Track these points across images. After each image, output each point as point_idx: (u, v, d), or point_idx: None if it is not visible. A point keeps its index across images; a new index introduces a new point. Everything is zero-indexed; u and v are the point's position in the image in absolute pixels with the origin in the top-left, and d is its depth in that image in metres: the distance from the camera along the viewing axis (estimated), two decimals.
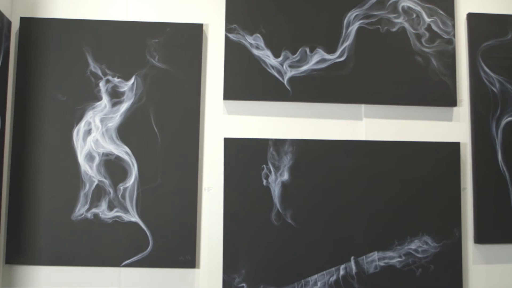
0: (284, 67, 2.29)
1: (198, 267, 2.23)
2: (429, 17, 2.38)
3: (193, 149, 2.25)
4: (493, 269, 2.34)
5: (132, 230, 2.19)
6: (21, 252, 2.15)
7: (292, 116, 2.32)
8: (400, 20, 2.37)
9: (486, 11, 2.44)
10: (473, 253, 2.34)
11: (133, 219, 2.19)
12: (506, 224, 2.33)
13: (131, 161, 2.21)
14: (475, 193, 2.34)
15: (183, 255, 2.20)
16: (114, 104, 2.23)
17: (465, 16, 2.43)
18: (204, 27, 2.32)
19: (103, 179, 2.20)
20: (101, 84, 2.23)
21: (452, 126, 2.39)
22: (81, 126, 2.21)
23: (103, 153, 2.21)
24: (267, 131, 2.30)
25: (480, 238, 2.33)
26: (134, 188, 2.20)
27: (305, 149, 2.27)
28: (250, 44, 2.29)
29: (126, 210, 2.19)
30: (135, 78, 2.25)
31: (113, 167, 2.21)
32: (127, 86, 2.24)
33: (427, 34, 2.37)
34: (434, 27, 2.38)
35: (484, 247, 2.35)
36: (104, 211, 2.18)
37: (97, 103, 2.23)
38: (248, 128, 2.30)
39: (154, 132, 2.23)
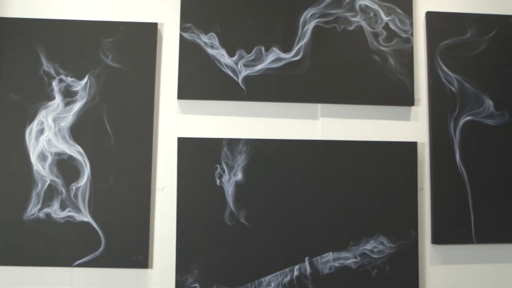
0: (239, 66, 2.31)
1: (151, 267, 2.25)
2: (386, 16, 2.39)
3: (146, 149, 2.27)
4: (451, 270, 2.35)
5: (84, 230, 2.21)
6: None
7: (247, 115, 2.34)
8: (357, 18, 2.38)
9: (445, 10, 2.44)
10: (430, 254, 2.35)
11: (85, 219, 2.21)
12: (464, 225, 2.34)
13: (84, 161, 2.23)
14: (432, 193, 2.35)
15: (136, 255, 2.21)
16: (67, 104, 2.25)
17: (423, 15, 2.44)
18: (159, 26, 2.34)
19: (56, 179, 2.22)
20: (54, 84, 2.25)
21: (410, 126, 2.40)
22: (34, 126, 2.23)
23: (55, 153, 2.23)
24: (221, 131, 2.31)
25: (438, 238, 2.33)
26: (86, 188, 2.22)
27: (260, 149, 2.28)
28: (205, 43, 2.31)
29: (78, 210, 2.21)
30: (88, 78, 2.27)
31: (65, 167, 2.23)
32: (80, 85, 2.26)
33: (385, 33, 2.38)
34: (391, 26, 2.39)
35: (442, 247, 2.35)
36: (56, 211, 2.20)
37: (50, 103, 2.25)
38: (202, 128, 2.32)
39: (107, 131, 2.25)
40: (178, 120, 2.32)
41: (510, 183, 2.37)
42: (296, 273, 2.25)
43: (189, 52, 2.30)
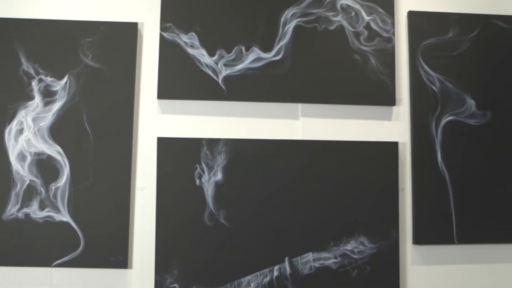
0: (219, 66, 2.31)
1: (131, 268, 2.26)
2: (368, 15, 2.39)
3: (126, 149, 2.27)
4: (432, 270, 2.35)
5: (63, 230, 2.21)
6: None
7: (227, 115, 2.34)
8: (338, 18, 2.38)
9: (427, 9, 2.45)
10: (411, 254, 2.35)
11: (64, 219, 2.22)
12: (445, 225, 2.34)
13: (63, 161, 2.24)
14: (414, 194, 2.36)
15: (115, 255, 2.22)
16: (46, 104, 2.26)
17: (405, 14, 2.45)
18: (139, 26, 2.35)
19: (35, 179, 2.22)
20: (34, 84, 2.26)
21: (392, 126, 2.40)
22: (13, 126, 2.24)
23: (35, 153, 2.24)
24: (201, 131, 2.32)
25: (419, 239, 2.34)
26: (65, 188, 2.23)
27: (240, 149, 2.29)
28: (185, 43, 2.32)
29: (57, 210, 2.22)
30: (68, 78, 2.27)
31: (44, 167, 2.23)
32: (59, 85, 2.27)
33: (366, 32, 2.39)
34: (373, 25, 2.39)
35: (423, 248, 2.36)
36: (35, 211, 2.21)
37: (29, 103, 2.26)
38: (182, 128, 2.32)
39: (87, 131, 2.26)
40: (158, 120, 2.32)
41: (492, 183, 2.37)
42: (276, 273, 2.25)
43: (169, 52, 2.31)
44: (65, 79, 2.27)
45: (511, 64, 2.44)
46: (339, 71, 2.36)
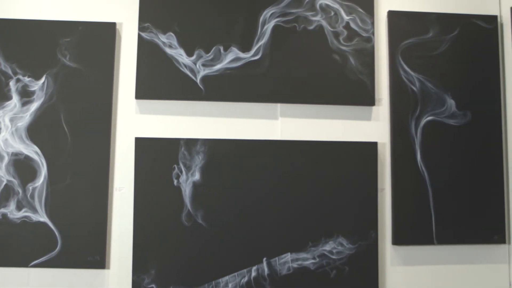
0: (197, 66, 2.32)
1: (108, 268, 2.27)
2: (347, 15, 2.40)
3: (104, 149, 2.29)
4: (411, 271, 2.36)
5: (40, 230, 2.23)
6: None
7: (206, 115, 2.35)
8: (317, 18, 2.39)
9: (407, 9, 2.46)
10: (390, 255, 2.36)
11: (41, 219, 2.23)
12: (424, 226, 2.35)
13: (41, 161, 2.25)
14: (393, 194, 2.37)
15: (92, 255, 2.23)
16: (24, 104, 2.27)
17: (385, 14, 2.45)
18: (117, 26, 2.36)
19: (12, 179, 2.24)
20: (11, 83, 2.27)
21: (371, 126, 2.41)
22: None
23: (12, 153, 2.25)
24: (180, 131, 2.33)
25: (398, 239, 2.35)
26: (43, 188, 2.24)
27: (218, 149, 2.30)
28: (163, 42, 2.33)
29: (35, 210, 2.23)
30: (46, 78, 2.29)
31: (22, 167, 2.25)
32: (37, 85, 2.28)
33: (345, 32, 2.40)
34: (352, 25, 2.40)
35: (402, 248, 2.37)
36: (12, 211, 2.22)
37: (7, 103, 2.27)
38: (160, 128, 2.33)
39: (64, 131, 2.27)
40: (136, 120, 2.34)
41: (472, 184, 2.38)
42: (253, 274, 2.26)
43: (147, 52, 2.32)
44: (43, 79, 2.28)
45: (492, 64, 2.45)
46: (318, 71, 2.37)
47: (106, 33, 2.34)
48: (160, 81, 2.32)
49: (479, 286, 2.38)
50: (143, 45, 2.32)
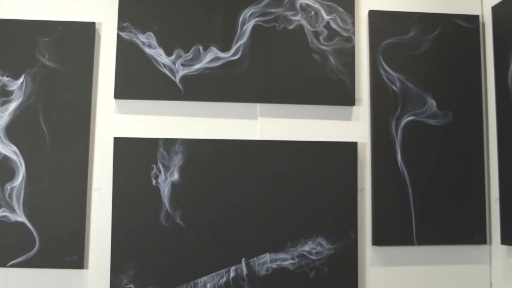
0: (177, 65, 2.33)
1: (86, 268, 2.28)
2: (328, 15, 2.41)
3: (83, 149, 2.30)
4: (391, 271, 2.37)
5: (18, 230, 2.24)
6: None
7: (185, 115, 2.36)
8: (297, 17, 2.40)
9: (388, 9, 2.46)
10: (370, 255, 2.37)
11: (19, 219, 2.24)
12: (405, 226, 2.36)
13: (19, 161, 2.26)
14: (373, 194, 2.37)
15: (71, 255, 2.24)
16: (2, 103, 2.28)
17: (366, 14, 2.46)
18: (96, 26, 2.37)
19: None
20: None
21: (351, 126, 2.42)
22: None
23: None
24: (159, 131, 2.34)
25: (378, 240, 2.35)
26: (21, 188, 2.25)
27: (197, 149, 2.31)
28: (142, 42, 2.34)
29: (13, 210, 2.24)
30: (25, 77, 2.30)
31: (0, 167, 2.25)
32: (16, 85, 2.29)
33: (326, 32, 2.40)
34: (333, 25, 2.41)
35: (382, 249, 2.37)
36: None
37: None
38: (139, 128, 2.34)
39: (43, 131, 2.28)
40: (114, 120, 2.35)
41: (452, 184, 2.38)
42: (232, 274, 2.27)
43: (126, 52, 2.33)
44: (22, 78, 2.30)
45: (473, 64, 2.45)
46: (298, 71, 2.38)
47: (85, 32, 2.35)
48: (139, 81, 2.33)
49: (460, 287, 2.38)
50: (122, 44, 2.34)
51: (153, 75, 2.33)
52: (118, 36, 2.34)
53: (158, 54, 2.34)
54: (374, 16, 2.44)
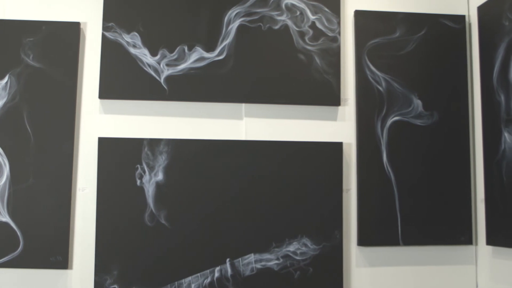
0: (161, 65, 2.35)
1: (71, 268, 2.29)
2: (313, 15, 2.42)
3: (67, 149, 2.31)
4: (376, 272, 2.38)
5: (2, 230, 2.25)
6: None
7: (170, 115, 2.38)
8: (283, 17, 2.41)
9: (374, 9, 2.47)
10: (356, 256, 2.38)
11: (3, 219, 2.25)
12: (390, 226, 2.37)
13: (3, 161, 2.27)
14: (359, 195, 2.38)
15: (55, 255, 2.25)
16: None
17: (352, 14, 2.47)
18: (81, 26, 2.38)
19: None
20: None
21: (337, 126, 2.43)
22: None
23: None
24: (143, 131, 2.36)
25: (363, 240, 2.37)
26: (5, 188, 2.26)
27: (181, 149, 2.32)
28: (127, 42, 2.35)
29: None
30: (9, 77, 2.31)
31: None
32: (0, 85, 2.30)
33: (311, 32, 2.42)
34: (318, 25, 2.42)
35: (367, 249, 2.38)
36: None
37: None
38: (124, 128, 2.36)
39: (27, 131, 2.30)
40: (99, 120, 2.36)
41: (438, 184, 2.40)
42: (217, 274, 2.28)
43: (111, 52, 2.35)
44: (6, 78, 2.31)
45: (459, 64, 2.46)
46: (284, 71, 2.39)
47: (70, 32, 2.36)
48: (124, 81, 2.34)
49: (443, 287, 2.39)
50: (107, 44, 2.35)
51: (137, 75, 2.34)
52: (103, 36, 2.35)
53: (143, 54, 2.35)
54: (360, 16, 2.46)
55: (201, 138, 2.36)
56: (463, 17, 2.49)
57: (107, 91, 2.34)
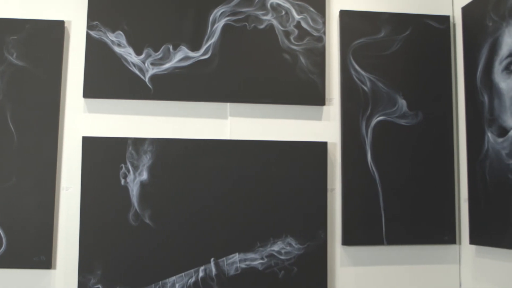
0: (146, 64, 2.35)
1: (54, 268, 2.29)
2: (298, 14, 2.43)
3: (51, 148, 2.31)
4: (361, 271, 2.40)
5: None
6: None
7: (154, 114, 2.38)
8: (268, 17, 2.42)
9: (359, 9, 2.49)
10: (340, 255, 2.39)
11: None
12: (374, 226, 2.39)
13: None
14: (343, 194, 2.40)
15: (38, 255, 2.25)
16: None
17: (337, 13, 2.49)
18: (66, 24, 2.38)
19: None
20: None
21: (322, 126, 2.44)
22: None
23: None
24: (128, 130, 2.36)
25: (348, 239, 2.38)
26: None
27: (166, 149, 2.32)
28: (112, 41, 2.35)
29: None
30: None
31: None
32: None
33: (296, 32, 2.43)
34: (304, 24, 2.43)
35: (352, 248, 2.40)
36: None
37: None
38: (108, 127, 2.36)
39: (11, 130, 2.29)
40: (83, 119, 2.36)
41: (422, 184, 2.42)
42: (201, 274, 2.29)
43: (95, 50, 2.35)
44: None
45: (443, 64, 2.49)
46: (269, 70, 2.40)
47: (54, 31, 2.36)
48: (108, 80, 2.34)
49: (429, 287, 2.41)
50: (91, 43, 2.35)
51: (122, 74, 2.34)
52: (88, 34, 2.35)
53: (128, 53, 2.35)
54: (345, 16, 2.47)
55: (186, 137, 2.36)
56: (447, 17, 2.51)
57: (91, 90, 2.34)
